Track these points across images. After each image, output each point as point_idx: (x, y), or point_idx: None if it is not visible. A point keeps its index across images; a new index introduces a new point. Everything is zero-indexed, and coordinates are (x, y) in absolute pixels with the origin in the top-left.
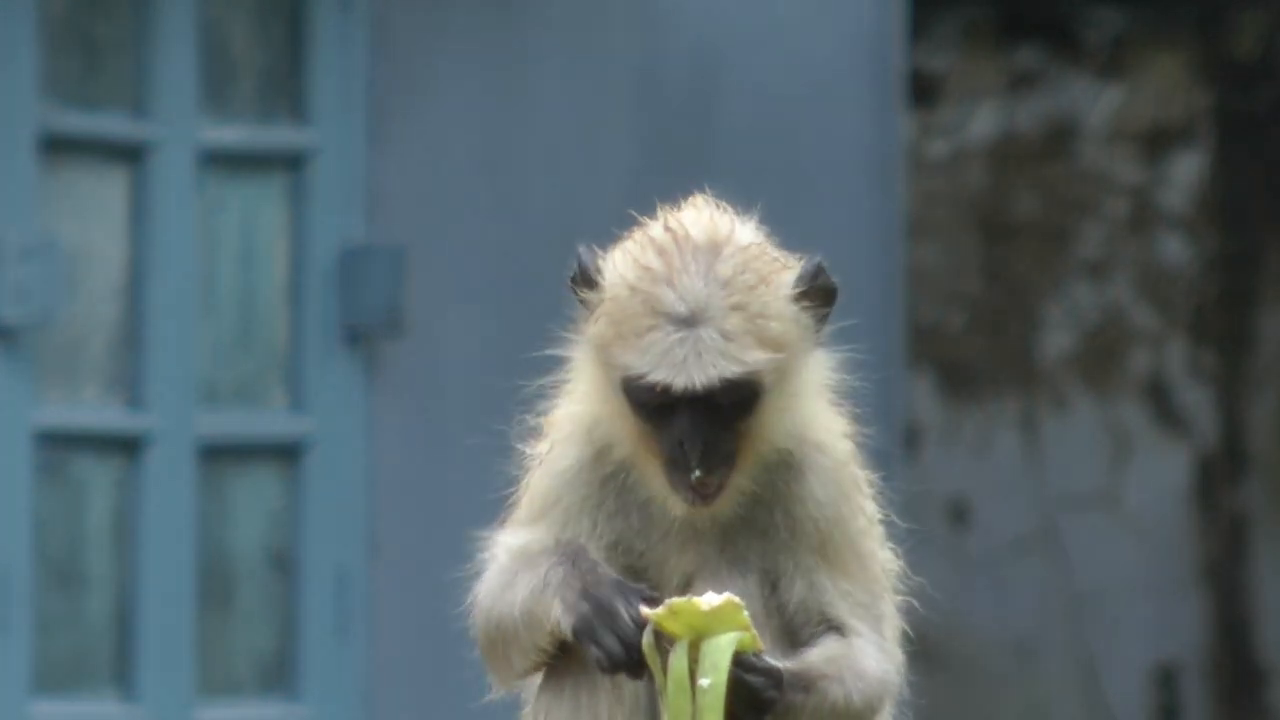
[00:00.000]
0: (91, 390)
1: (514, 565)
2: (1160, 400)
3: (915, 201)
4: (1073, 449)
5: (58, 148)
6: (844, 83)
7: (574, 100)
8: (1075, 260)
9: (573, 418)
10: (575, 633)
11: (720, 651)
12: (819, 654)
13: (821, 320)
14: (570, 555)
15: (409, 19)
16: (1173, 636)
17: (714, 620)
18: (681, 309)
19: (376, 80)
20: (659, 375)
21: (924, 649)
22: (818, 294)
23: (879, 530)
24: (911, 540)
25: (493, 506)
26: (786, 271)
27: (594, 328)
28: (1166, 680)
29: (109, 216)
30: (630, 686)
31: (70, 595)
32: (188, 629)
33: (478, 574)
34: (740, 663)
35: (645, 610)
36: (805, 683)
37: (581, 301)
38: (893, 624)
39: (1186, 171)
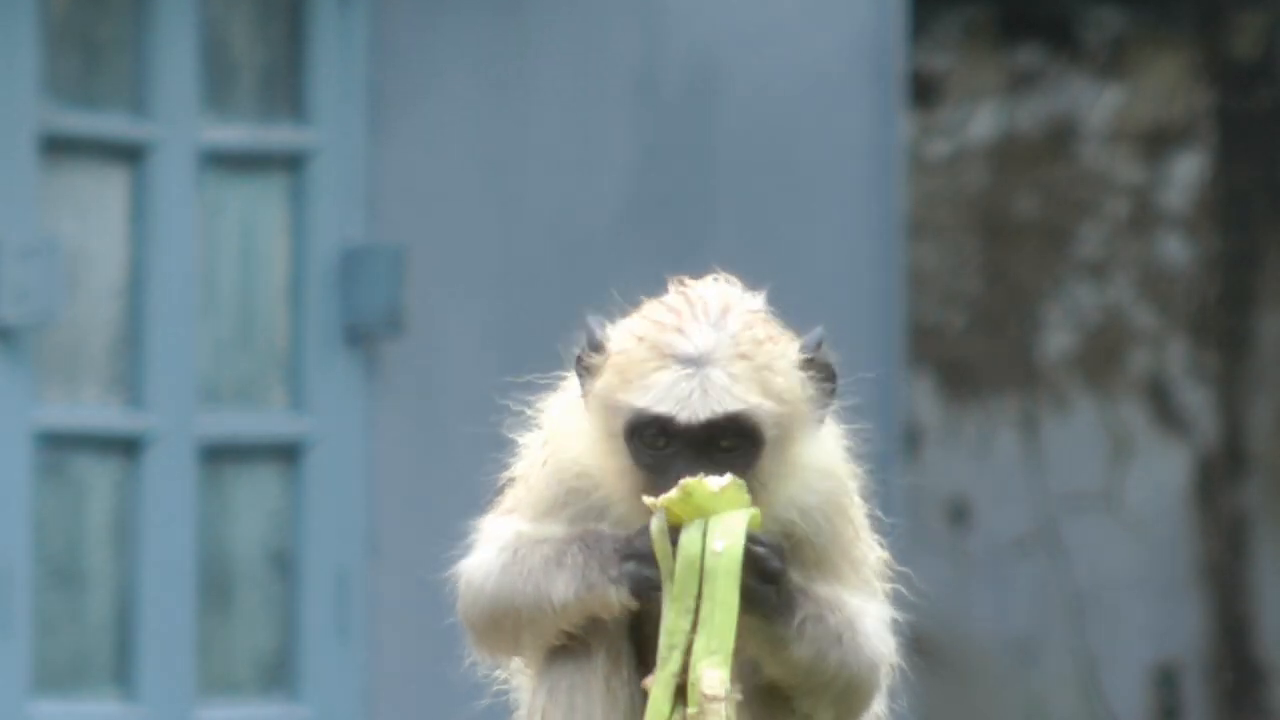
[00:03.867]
0: (91, 390)
1: (517, 544)
2: (1160, 400)
3: (915, 201)
4: (1073, 449)
5: (58, 148)
6: (844, 83)
7: (574, 100)
8: (1075, 260)
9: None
10: (634, 593)
11: (734, 521)
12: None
13: (827, 396)
14: (584, 538)
15: (409, 19)
16: (1173, 636)
17: (723, 500)
18: (690, 350)
19: (376, 80)
20: (663, 408)
21: (924, 649)
22: (820, 367)
23: (868, 533)
24: (911, 540)
25: (492, 507)
26: (791, 341)
27: (599, 380)
28: (1166, 680)
29: (109, 216)
30: (625, 690)
31: (70, 595)
32: (188, 629)
33: (473, 556)
34: (749, 536)
35: (651, 500)
36: (809, 594)
37: (585, 369)
38: (887, 616)
39: (1186, 171)
